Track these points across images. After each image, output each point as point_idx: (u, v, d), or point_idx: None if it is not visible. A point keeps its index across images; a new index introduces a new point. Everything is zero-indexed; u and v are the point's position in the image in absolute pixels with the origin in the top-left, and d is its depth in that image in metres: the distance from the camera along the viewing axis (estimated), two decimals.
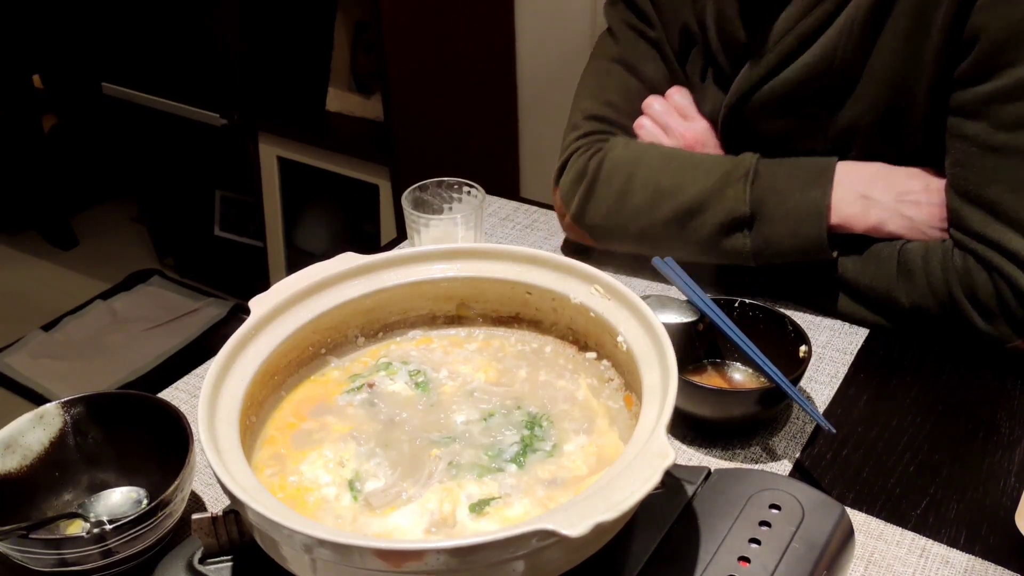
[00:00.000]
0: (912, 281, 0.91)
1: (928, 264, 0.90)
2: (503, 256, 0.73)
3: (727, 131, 1.04)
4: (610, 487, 0.51)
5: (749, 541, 0.59)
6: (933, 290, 0.90)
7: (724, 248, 0.97)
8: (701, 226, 0.97)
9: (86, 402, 0.75)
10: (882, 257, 0.93)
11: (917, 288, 0.91)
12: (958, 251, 0.90)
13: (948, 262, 0.90)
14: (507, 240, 1.17)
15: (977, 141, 0.87)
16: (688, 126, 1.06)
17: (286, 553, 0.53)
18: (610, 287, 0.68)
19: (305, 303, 0.70)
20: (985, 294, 0.88)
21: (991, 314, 0.88)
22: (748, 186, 0.95)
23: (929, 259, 0.91)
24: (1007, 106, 0.85)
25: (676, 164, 1.00)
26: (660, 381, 0.60)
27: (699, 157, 1.01)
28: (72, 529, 0.73)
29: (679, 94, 1.07)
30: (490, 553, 0.49)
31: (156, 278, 2.78)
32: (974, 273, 0.88)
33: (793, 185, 0.94)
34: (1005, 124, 0.85)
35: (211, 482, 0.79)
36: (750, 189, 0.95)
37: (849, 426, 0.84)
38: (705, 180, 0.97)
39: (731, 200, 0.95)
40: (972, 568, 0.70)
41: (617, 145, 1.05)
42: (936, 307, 0.91)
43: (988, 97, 0.85)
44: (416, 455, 0.63)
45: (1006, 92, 0.84)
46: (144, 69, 2.40)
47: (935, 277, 0.90)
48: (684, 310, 0.86)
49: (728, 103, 1.01)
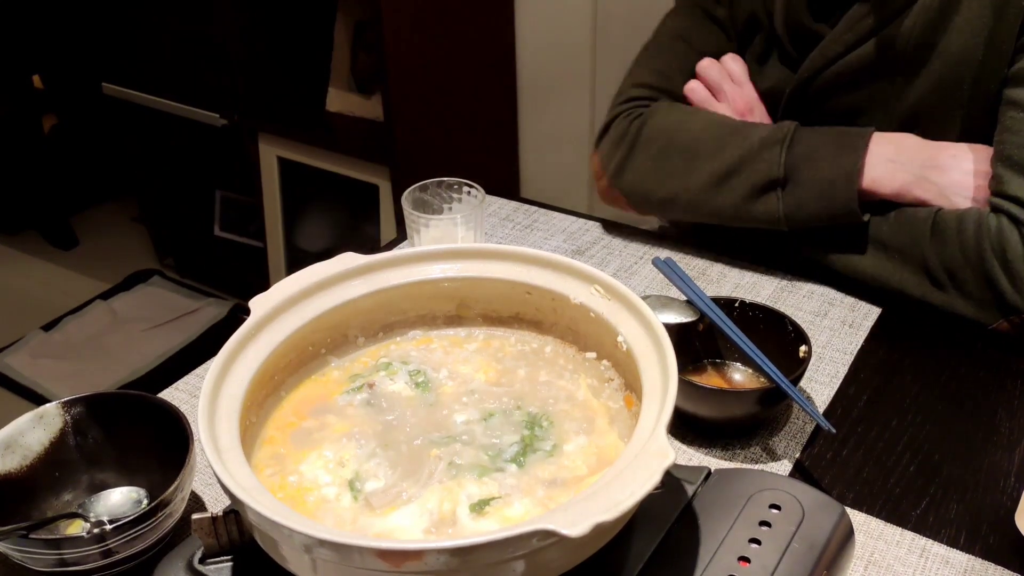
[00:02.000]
0: (944, 241, 0.92)
1: (962, 225, 0.91)
2: (503, 256, 0.73)
3: (791, 107, 1.06)
4: (610, 487, 0.51)
5: (749, 541, 0.59)
6: (963, 249, 0.91)
7: (756, 211, 0.99)
8: (734, 188, 0.99)
9: (86, 402, 0.75)
10: (918, 218, 0.94)
11: (948, 248, 0.92)
12: (993, 214, 0.91)
13: (982, 223, 0.91)
14: (507, 240, 1.17)
15: (1021, 104, 0.89)
16: (740, 92, 1.08)
17: (286, 553, 0.53)
18: (610, 287, 0.68)
19: (305, 303, 0.70)
20: (1014, 253, 0.88)
21: (1018, 275, 0.88)
22: (784, 150, 0.97)
23: (964, 221, 0.92)
24: None
25: (716, 129, 1.03)
26: (660, 381, 0.60)
27: (740, 123, 1.04)
28: (72, 529, 0.73)
29: (734, 61, 1.09)
30: (490, 553, 0.49)
31: (156, 278, 2.78)
32: (1006, 231, 0.89)
33: (827, 151, 0.96)
34: None
35: (211, 482, 0.79)
36: (785, 153, 0.96)
37: (849, 426, 0.84)
38: (743, 144, 0.99)
39: (766, 163, 0.97)
40: (972, 568, 0.70)
41: (660, 109, 1.08)
42: (964, 267, 0.91)
43: None
44: (416, 455, 0.63)
45: None
46: (144, 69, 2.40)
47: (967, 236, 0.91)
48: (684, 310, 0.86)
49: (800, 78, 1.03)
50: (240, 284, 2.65)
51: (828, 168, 0.95)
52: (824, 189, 0.95)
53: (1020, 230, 0.89)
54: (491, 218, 1.21)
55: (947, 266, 0.92)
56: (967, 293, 0.92)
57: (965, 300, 0.92)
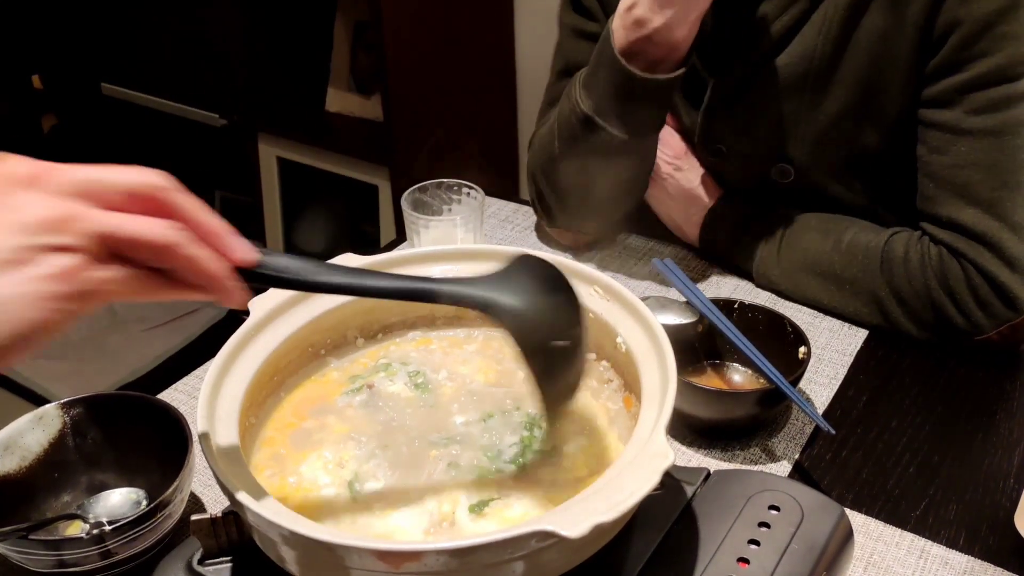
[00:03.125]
0: (892, 273, 0.93)
1: (907, 256, 0.92)
2: (503, 257, 0.73)
3: (705, 135, 1.04)
4: (609, 488, 0.51)
5: (748, 542, 0.59)
6: (910, 279, 0.92)
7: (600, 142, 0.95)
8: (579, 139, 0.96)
9: (85, 403, 0.75)
10: (868, 250, 0.94)
11: (896, 279, 0.93)
12: (933, 245, 0.91)
13: (926, 255, 0.91)
14: (507, 241, 1.17)
15: (950, 127, 0.89)
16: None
17: (285, 554, 0.53)
18: (610, 288, 0.68)
19: (305, 304, 0.70)
20: (957, 282, 0.89)
21: (963, 304, 0.89)
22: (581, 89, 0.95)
23: (908, 252, 0.92)
24: (979, 93, 0.87)
25: (556, 113, 1.01)
26: (659, 382, 0.60)
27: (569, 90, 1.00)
28: (71, 530, 0.73)
29: None
30: (489, 554, 0.49)
31: None
32: (947, 264, 0.90)
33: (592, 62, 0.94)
34: (978, 109, 0.87)
35: (211, 482, 0.79)
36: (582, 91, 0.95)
37: (848, 427, 0.84)
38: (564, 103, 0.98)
39: (573, 103, 0.95)
40: (971, 569, 0.70)
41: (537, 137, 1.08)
42: (913, 297, 0.92)
43: (962, 86, 0.87)
44: (415, 456, 0.63)
45: (978, 80, 0.86)
46: (144, 69, 2.40)
47: (912, 266, 0.92)
48: (683, 311, 0.86)
49: (709, 104, 1.01)
50: None
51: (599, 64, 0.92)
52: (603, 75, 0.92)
53: (959, 260, 0.89)
54: (491, 219, 1.21)
55: (898, 296, 0.93)
56: (921, 322, 0.93)
57: (919, 328, 0.93)
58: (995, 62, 0.85)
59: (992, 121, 0.86)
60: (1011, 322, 0.88)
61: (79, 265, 0.44)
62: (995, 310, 0.88)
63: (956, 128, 0.88)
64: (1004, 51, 0.84)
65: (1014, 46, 0.84)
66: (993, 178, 0.87)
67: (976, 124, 0.87)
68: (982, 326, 0.89)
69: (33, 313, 0.43)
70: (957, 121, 0.88)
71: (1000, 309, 0.88)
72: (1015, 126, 0.86)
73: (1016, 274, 0.87)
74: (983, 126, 0.87)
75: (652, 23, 0.87)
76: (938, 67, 0.88)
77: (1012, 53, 0.84)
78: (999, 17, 0.84)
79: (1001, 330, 0.89)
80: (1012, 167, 0.87)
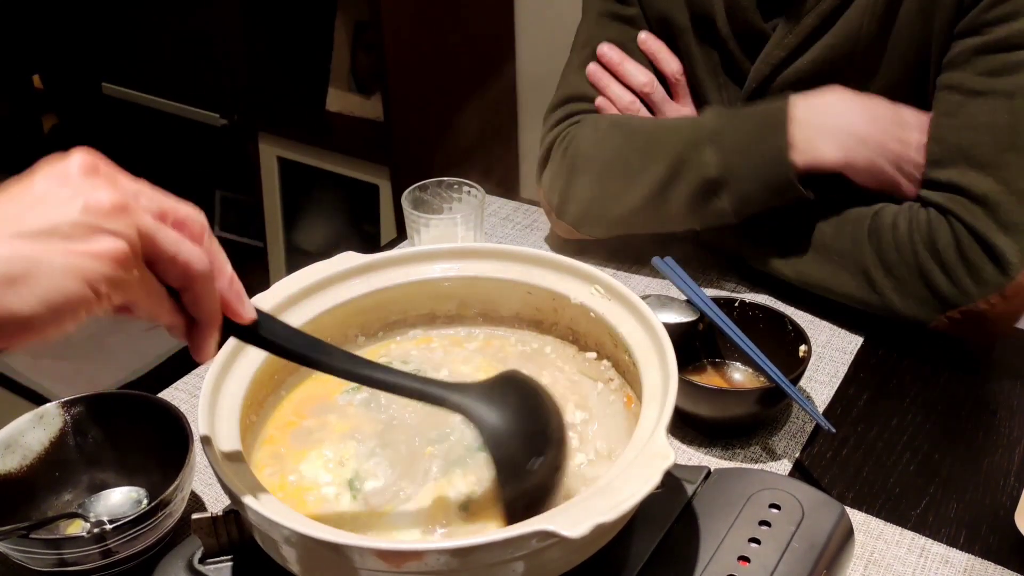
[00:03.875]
0: (880, 241, 0.91)
1: (896, 221, 0.91)
2: (503, 256, 0.73)
3: None
4: (610, 488, 0.51)
5: (749, 541, 0.59)
6: (898, 247, 0.90)
7: (705, 213, 0.97)
8: (677, 197, 0.97)
9: (86, 402, 0.75)
10: (857, 220, 0.93)
11: (884, 247, 0.91)
12: (923, 209, 0.90)
13: (913, 219, 0.90)
14: (507, 240, 1.17)
15: (964, 88, 0.87)
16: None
17: (286, 553, 0.53)
18: (610, 287, 0.68)
19: (305, 303, 0.70)
20: (944, 244, 0.87)
21: (950, 267, 0.87)
22: (712, 147, 0.94)
23: (898, 218, 0.91)
24: (996, 55, 0.85)
25: (641, 140, 1.00)
26: (660, 381, 0.60)
27: (661, 127, 1.00)
28: (72, 529, 0.73)
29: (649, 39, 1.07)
30: (490, 553, 0.49)
31: None
32: (935, 224, 0.88)
33: (753, 136, 0.93)
34: (992, 71, 0.86)
35: (211, 482, 0.79)
36: (714, 153, 0.94)
37: (849, 426, 0.84)
38: (671, 150, 0.97)
39: (699, 166, 0.95)
40: (972, 568, 0.70)
41: (583, 131, 1.05)
42: (899, 264, 0.90)
43: (980, 47, 0.86)
44: (415, 454, 0.63)
45: (997, 43, 0.85)
46: (144, 69, 2.40)
47: (900, 232, 0.90)
48: (684, 310, 0.86)
49: (748, 88, 1.00)
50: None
51: (760, 155, 0.92)
52: (762, 177, 0.93)
53: (948, 220, 0.87)
54: (491, 218, 1.21)
55: (885, 265, 0.91)
56: (907, 292, 0.90)
57: (905, 299, 0.90)
58: (1017, 27, 0.84)
59: (1005, 83, 0.85)
60: (1000, 289, 0.86)
61: (126, 254, 0.45)
62: (985, 275, 0.86)
63: (968, 90, 0.87)
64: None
65: None
66: (1001, 140, 0.85)
67: (988, 85, 0.86)
68: (970, 293, 0.87)
69: (70, 285, 0.43)
70: (969, 83, 0.87)
71: (990, 273, 0.86)
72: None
73: (1011, 238, 0.85)
74: (998, 87, 0.85)
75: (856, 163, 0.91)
76: (962, 30, 0.87)
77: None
78: None
79: (991, 300, 0.86)
80: (1022, 131, 0.85)
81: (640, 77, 1.05)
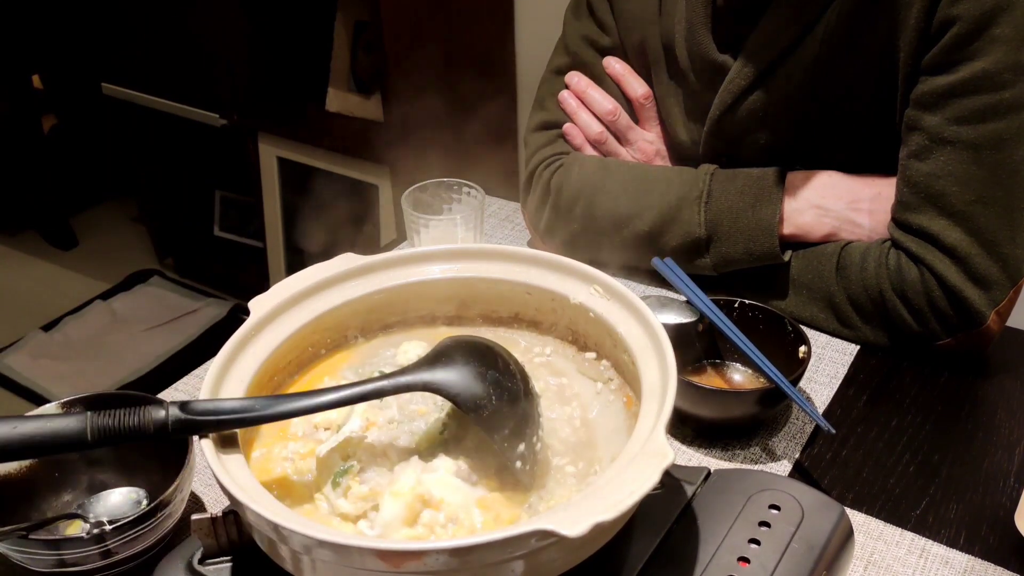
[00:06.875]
0: (848, 278, 0.92)
1: (864, 261, 0.91)
2: (503, 257, 0.73)
3: (710, 150, 1.03)
4: (609, 487, 0.51)
5: (749, 541, 0.59)
6: (865, 286, 0.91)
7: (687, 262, 0.97)
8: (662, 247, 0.99)
9: (86, 402, 0.75)
10: (824, 255, 0.94)
11: (851, 285, 0.92)
12: (893, 250, 0.90)
13: (882, 260, 0.90)
14: (507, 241, 1.17)
15: (932, 133, 0.87)
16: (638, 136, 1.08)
17: (285, 553, 0.53)
18: (610, 287, 0.68)
19: (305, 303, 0.70)
20: (913, 291, 0.88)
21: (919, 311, 0.89)
22: (702, 209, 0.96)
23: (866, 257, 0.92)
24: (964, 99, 0.85)
25: (633, 187, 1.01)
26: (659, 381, 0.60)
27: (654, 176, 1.01)
28: (72, 530, 0.73)
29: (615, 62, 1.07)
30: (490, 553, 0.49)
31: (156, 278, 2.77)
32: (904, 270, 0.89)
33: (745, 203, 0.95)
34: (960, 118, 0.85)
35: (211, 482, 0.79)
36: (704, 212, 0.96)
37: (848, 426, 0.84)
38: (662, 203, 0.98)
39: (687, 224, 0.97)
40: (972, 568, 0.70)
41: (574, 166, 1.05)
42: (867, 303, 0.91)
43: (947, 90, 0.86)
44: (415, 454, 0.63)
45: (964, 85, 0.84)
46: (144, 69, 2.40)
47: (868, 273, 0.91)
48: (684, 310, 0.86)
49: (713, 116, 1.00)
50: (240, 284, 2.65)
51: (748, 223, 0.94)
52: (746, 244, 0.95)
53: (919, 268, 0.88)
54: (491, 219, 1.21)
55: (852, 301, 0.93)
56: (875, 327, 0.92)
57: (875, 332, 0.93)
58: (982, 66, 0.83)
59: (974, 133, 0.85)
60: (967, 331, 0.88)
61: None
62: (951, 322, 0.88)
63: (938, 136, 0.87)
64: (992, 55, 0.83)
65: (1003, 51, 0.82)
66: (969, 191, 0.86)
67: (958, 134, 0.85)
68: (936, 333, 0.89)
69: None
70: (939, 128, 0.86)
71: (956, 322, 0.88)
72: (996, 140, 0.84)
73: (981, 291, 0.86)
74: (964, 137, 0.85)
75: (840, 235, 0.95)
76: (929, 66, 0.86)
77: (1000, 59, 0.83)
78: (993, 18, 0.82)
79: (958, 337, 0.89)
80: (990, 182, 0.85)
81: (605, 105, 1.06)
